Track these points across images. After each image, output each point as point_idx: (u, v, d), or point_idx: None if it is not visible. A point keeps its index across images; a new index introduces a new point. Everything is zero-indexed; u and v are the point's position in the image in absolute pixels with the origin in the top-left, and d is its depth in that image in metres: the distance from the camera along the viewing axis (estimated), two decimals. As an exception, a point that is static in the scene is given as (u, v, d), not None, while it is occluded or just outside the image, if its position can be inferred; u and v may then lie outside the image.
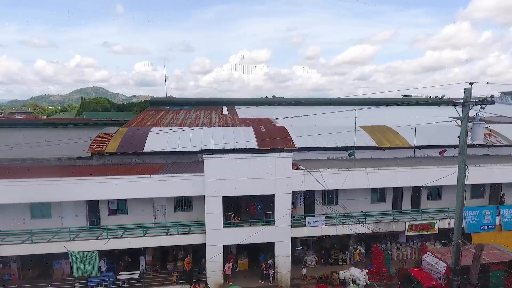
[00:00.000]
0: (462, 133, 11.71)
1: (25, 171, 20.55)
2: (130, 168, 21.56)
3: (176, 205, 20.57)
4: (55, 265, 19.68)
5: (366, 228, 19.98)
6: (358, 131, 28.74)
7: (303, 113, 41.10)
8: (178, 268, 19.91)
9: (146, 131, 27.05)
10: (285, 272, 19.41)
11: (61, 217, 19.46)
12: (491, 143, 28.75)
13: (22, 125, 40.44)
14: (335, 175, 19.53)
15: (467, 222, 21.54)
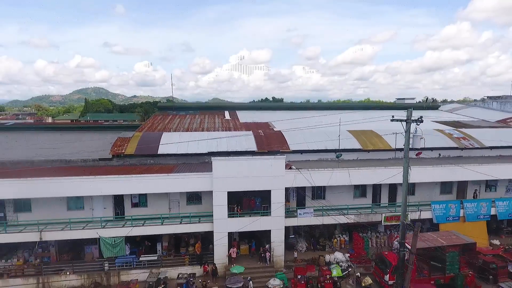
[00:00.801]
0: (406, 143, 15.57)
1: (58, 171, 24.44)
2: (148, 168, 25.45)
3: (188, 199, 24.49)
4: (86, 249, 23.58)
5: (348, 219, 23.92)
6: (346, 134, 32.74)
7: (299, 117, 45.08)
8: (189, 252, 23.82)
9: (158, 135, 30.98)
10: (279, 255, 23.32)
11: (92, 209, 23.37)
12: (464, 146, 32.75)
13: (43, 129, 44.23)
14: (322, 174, 23.44)
15: (435, 214, 25.48)
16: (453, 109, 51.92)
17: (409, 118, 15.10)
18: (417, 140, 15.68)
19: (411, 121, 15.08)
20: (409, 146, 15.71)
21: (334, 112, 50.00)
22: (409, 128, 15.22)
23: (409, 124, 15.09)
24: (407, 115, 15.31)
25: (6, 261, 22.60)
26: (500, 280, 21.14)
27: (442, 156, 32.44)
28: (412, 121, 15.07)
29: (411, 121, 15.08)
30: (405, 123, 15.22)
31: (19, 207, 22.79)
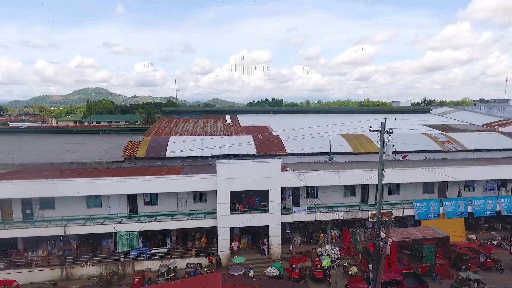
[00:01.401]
0: (380, 150, 18.42)
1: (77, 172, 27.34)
2: (158, 170, 28.35)
3: (194, 197, 27.40)
4: (103, 243, 26.49)
5: (337, 216, 26.83)
6: (339, 138, 35.62)
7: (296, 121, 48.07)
8: (196, 245, 26.72)
9: (166, 139, 33.90)
10: (276, 248, 26.22)
11: (109, 207, 26.27)
12: (448, 149, 35.63)
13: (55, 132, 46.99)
14: (314, 175, 26.35)
15: (417, 211, 28.38)
16: (443, 112, 54.80)
17: (383, 129, 17.98)
18: (389, 147, 18.54)
19: (384, 131, 17.96)
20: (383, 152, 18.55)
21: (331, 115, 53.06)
22: (383, 138, 18.09)
23: (382, 134, 17.97)
24: (381, 127, 18.19)
25: (32, 253, 25.49)
26: (471, 269, 24.07)
27: (427, 159, 35.36)
28: (385, 132, 17.95)
29: (384, 132, 17.95)
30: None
31: (44, 205, 25.69)
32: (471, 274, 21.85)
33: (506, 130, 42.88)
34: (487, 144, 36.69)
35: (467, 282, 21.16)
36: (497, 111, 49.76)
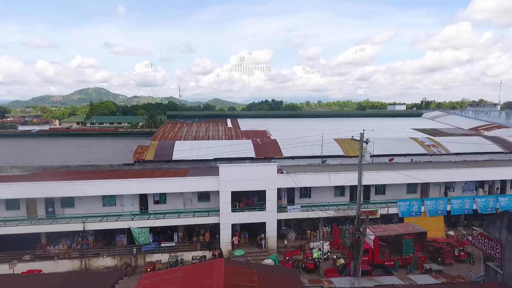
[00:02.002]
0: (360, 157, 21.53)
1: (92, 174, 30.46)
2: (165, 172, 31.50)
3: (199, 197, 30.52)
4: (117, 238, 29.61)
5: (328, 213, 29.95)
6: (332, 142, 38.72)
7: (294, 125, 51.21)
8: (200, 240, 29.85)
9: (172, 143, 37.05)
10: (272, 242, 29.34)
11: (122, 205, 29.42)
12: (432, 152, 38.75)
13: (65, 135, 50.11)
14: (307, 177, 29.47)
15: (400, 210, 31.48)
16: (434, 116, 57.91)
17: (361, 139, 21.10)
18: (367, 154, 21.64)
19: (363, 141, 21.08)
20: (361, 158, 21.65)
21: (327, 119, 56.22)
22: (361, 147, 21.19)
23: (361, 143, 21.09)
24: (360, 137, 21.31)
25: (54, 247, 28.62)
26: (446, 261, 27.22)
27: (414, 161, 38.50)
28: (363, 141, 21.07)
29: (362, 141, 21.07)
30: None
31: (64, 203, 28.84)
32: (435, 265, 25.22)
33: (490, 134, 46.03)
34: (470, 148, 39.79)
35: (430, 272, 24.37)
36: (484, 116, 52.87)
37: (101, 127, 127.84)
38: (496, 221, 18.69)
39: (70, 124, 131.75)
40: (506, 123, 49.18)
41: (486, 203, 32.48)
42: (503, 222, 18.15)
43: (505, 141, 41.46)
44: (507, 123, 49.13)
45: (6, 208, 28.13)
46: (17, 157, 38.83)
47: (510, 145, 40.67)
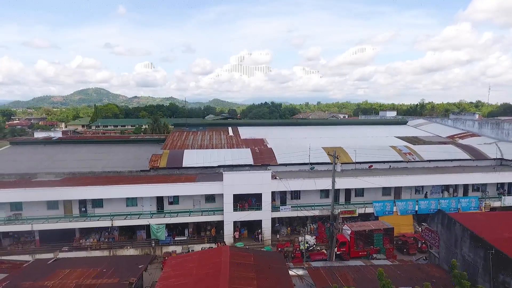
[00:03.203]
0: (333, 171, 27.82)
1: (116, 179, 36.78)
2: (177, 178, 37.82)
3: (206, 199, 36.82)
4: (137, 233, 35.95)
5: (314, 213, 36.28)
6: (320, 150, 44.96)
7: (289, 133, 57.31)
8: (207, 235, 36.18)
9: (181, 152, 43.36)
10: (267, 236, 35.67)
11: (142, 206, 35.74)
12: (408, 159, 45.03)
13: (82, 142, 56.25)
14: (296, 182, 35.79)
15: (375, 209, 37.77)
16: (417, 124, 64.23)
17: (334, 156, 27.42)
18: (338, 166, 27.95)
19: (335, 156, 27.40)
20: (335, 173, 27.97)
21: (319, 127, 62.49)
22: (334, 161, 27.50)
23: (334, 158, 27.41)
24: (333, 154, 27.62)
25: (86, 240, 34.95)
26: (410, 252, 33.57)
27: (392, 167, 44.81)
28: (335, 157, 27.38)
29: (335, 157, 27.40)
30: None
31: (95, 204, 35.15)
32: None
33: (464, 142, 52.31)
34: (441, 155, 46.09)
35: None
36: (460, 125, 59.16)
37: (105, 130, 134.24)
38: (434, 218, 25.10)
39: (75, 127, 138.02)
40: (479, 132, 55.44)
41: (449, 204, 38.80)
42: (438, 219, 24.54)
43: (474, 149, 47.73)
44: (480, 132, 55.39)
45: (47, 208, 34.44)
46: (45, 162, 45.21)
47: (478, 153, 46.98)
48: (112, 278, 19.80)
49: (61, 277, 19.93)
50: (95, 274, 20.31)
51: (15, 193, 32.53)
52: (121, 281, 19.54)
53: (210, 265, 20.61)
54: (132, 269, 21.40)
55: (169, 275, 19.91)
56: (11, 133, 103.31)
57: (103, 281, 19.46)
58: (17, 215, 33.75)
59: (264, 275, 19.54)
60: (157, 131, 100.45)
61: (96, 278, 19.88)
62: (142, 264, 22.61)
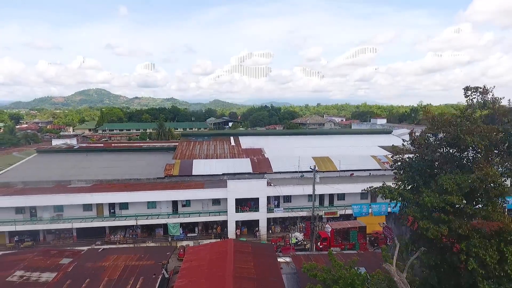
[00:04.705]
0: (313, 183, 36.02)
1: (137, 185, 45.04)
2: (188, 184, 46.08)
3: (213, 202, 45.07)
4: (156, 230, 44.23)
5: (302, 214, 44.52)
6: (310, 160, 53.12)
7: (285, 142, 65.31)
8: (213, 232, 44.47)
9: (191, 162, 51.63)
10: (263, 233, 43.94)
11: (160, 208, 44.00)
12: (385, 168, 53.17)
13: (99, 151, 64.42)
14: (287, 188, 44.05)
15: (354, 211, 45.81)
16: (401, 134, 72.32)
17: (314, 170, 35.62)
18: (317, 177, 36.13)
19: (314, 170, 35.61)
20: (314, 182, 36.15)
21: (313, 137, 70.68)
22: (314, 175, 35.68)
23: (314, 172, 35.60)
24: (313, 168, 35.81)
25: (114, 236, 43.21)
26: (380, 246, 41.76)
27: (371, 175, 53.00)
28: (315, 171, 35.57)
29: (314, 171, 35.61)
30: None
31: (122, 206, 43.45)
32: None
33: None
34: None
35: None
36: (438, 135, 67.19)
37: (111, 134, 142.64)
38: (390, 217, 33.40)
39: (82, 131, 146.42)
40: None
41: (416, 206, 46.98)
42: (392, 218, 32.85)
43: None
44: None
45: (83, 210, 42.73)
46: (72, 170, 53.47)
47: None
48: (149, 261, 27.99)
49: (112, 260, 28.15)
50: (136, 258, 28.52)
51: (59, 198, 40.84)
52: (156, 263, 27.77)
53: (219, 252, 28.87)
54: (162, 255, 29.60)
55: (190, 259, 28.17)
56: (24, 138, 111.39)
57: (143, 263, 27.68)
58: (59, 216, 42.01)
59: (258, 259, 27.79)
60: (162, 136, 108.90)
61: (137, 260, 28.10)
62: (168, 252, 30.86)
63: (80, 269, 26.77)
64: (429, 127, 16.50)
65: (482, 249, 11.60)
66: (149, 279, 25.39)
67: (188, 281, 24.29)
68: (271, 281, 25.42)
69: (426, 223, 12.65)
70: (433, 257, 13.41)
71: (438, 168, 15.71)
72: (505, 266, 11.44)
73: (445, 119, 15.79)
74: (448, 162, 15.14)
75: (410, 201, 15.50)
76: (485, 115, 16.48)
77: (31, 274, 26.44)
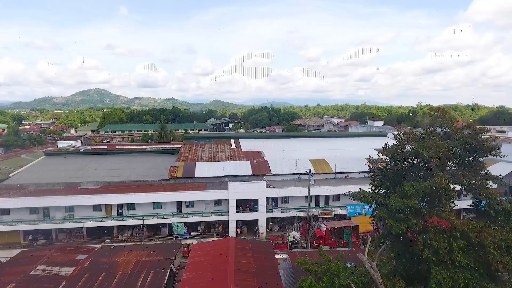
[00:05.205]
0: (309, 185, 38.98)
1: (143, 187, 48.02)
2: (192, 186, 49.05)
3: (215, 203, 48.04)
4: (161, 229, 47.20)
5: (299, 214, 47.49)
6: (307, 162, 56.08)
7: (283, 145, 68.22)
8: (215, 231, 47.44)
9: (194, 165, 54.60)
10: (262, 232, 46.91)
11: (165, 208, 46.96)
12: (378, 170, 56.13)
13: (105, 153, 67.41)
14: (285, 189, 47.00)
15: (348, 211, 48.90)
16: (396, 136, 75.19)
17: (309, 173, 38.57)
18: (312, 179, 39.08)
19: (309, 174, 38.57)
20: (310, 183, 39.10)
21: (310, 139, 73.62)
22: (309, 177, 38.62)
23: (309, 175, 38.55)
24: (308, 171, 38.74)
25: (122, 235, 46.19)
26: (372, 244, 44.70)
27: (365, 177, 55.83)
28: (311, 174, 38.52)
29: (309, 174, 38.56)
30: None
31: (129, 207, 46.44)
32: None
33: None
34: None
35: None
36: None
37: (113, 135, 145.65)
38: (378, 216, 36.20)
39: (85, 132, 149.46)
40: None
41: (407, 207, 49.95)
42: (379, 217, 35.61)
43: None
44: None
45: (93, 210, 45.72)
46: (80, 172, 56.46)
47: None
48: (158, 257, 30.97)
49: (124, 256, 31.12)
50: (146, 254, 31.49)
51: (71, 199, 43.83)
52: (165, 258, 30.75)
53: (221, 249, 31.84)
54: (169, 252, 32.57)
55: (195, 255, 31.13)
56: (28, 139, 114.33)
57: (153, 258, 30.65)
58: (71, 215, 44.98)
59: (257, 255, 30.75)
60: (164, 138, 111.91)
61: (147, 256, 31.07)
62: (175, 249, 33.84)
63: (95, 264, 29.75)
64: (398, 141, 19.42)
65: (435, 241, 14.51)
66: (159, 273, 28.37)
67: (194, 274, 27.28)
68: (268, 274, 28.37)
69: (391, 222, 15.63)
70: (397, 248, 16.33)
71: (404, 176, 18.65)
72: (452, 255, 14.34)
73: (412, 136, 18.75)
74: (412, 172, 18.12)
75: (381, 203, 18.43)
76: (444, 132, 19.40)
77: (52, 268, 29.46)
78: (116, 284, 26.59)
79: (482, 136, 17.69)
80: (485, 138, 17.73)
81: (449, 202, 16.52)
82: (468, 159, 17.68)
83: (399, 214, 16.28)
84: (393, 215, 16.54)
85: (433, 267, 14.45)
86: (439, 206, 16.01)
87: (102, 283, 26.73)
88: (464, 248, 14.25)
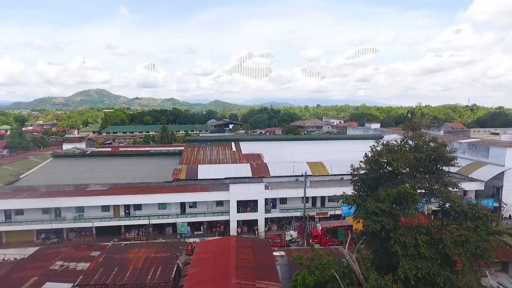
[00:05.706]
0: (305, 188, 42.08)
1: (148, 189, 51.11)
2: (195, 188, 52.15)
3: (216, 204, 51.10)
4: (166, 229, 50.29)
5: (296, 214, 50.58)
6: (304, 165, 59.15)
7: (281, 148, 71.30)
8: (217, 230, 50.54)
9: (196, 167, 57.69)
10: (262, 231, 50.00)
11: (170, 209, 50.07)
12: (373, 172, 59.24)
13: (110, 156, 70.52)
14: (283, 191, 50.10)
15: (343, 212, 51.97)
16: (391, 139, 78.20)
17: (305, 176, 41.65)
18: (307, 182, 42.15)
19: (305, 176, 41.64)
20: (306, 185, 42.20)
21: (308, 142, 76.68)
22: (305, 180, 41.70)
23: (305, 178, 41.62)
24: (305, 174, 41.84)
25: (129, 234, 49.29)
26: (365, 242, 47.82)
27: (360, 178, 58.97)
28: (307, 176, 41.59)
29: (305, 176, 41.63)
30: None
31: (136, 207, 49.54)
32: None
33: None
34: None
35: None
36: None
37: (115, 136, 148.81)
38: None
39: (87, 133, 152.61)
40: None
41: (399, 207, 53.07)
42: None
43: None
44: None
45: (101, 210, 48.83)
46: (86, 174, 59.58)
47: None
48: (166, 254, 34.09)
49: (134, 253, 34.25)
50: (154, 251, 34.61)
51: (81, 200, 46.94)
52: (172, 255, 33.88)
53: (223, 246, 34.97)
54: (176, 249, 35.69)
55: (199, 252, 34.27)
56: (32, 141, 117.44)
57: (161, 255, 33.77)
58: (81, 216, 48.10)
59: (257, 252, 33.85)
60: (165, 140, 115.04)
61: (156, 253, 34.19)
62: (181, 247, 36.98)
63: (109, 260, 32.87)
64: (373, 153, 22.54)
65: (404, 236, 17.55)
66: (167, 267, 31.48)
67: (199, 269, 30.41)
68: (267, 269, 31.49)
69: (368, 222, 18.68)
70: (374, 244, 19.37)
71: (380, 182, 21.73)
72: (418, 248, 17.39)
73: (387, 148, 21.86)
74: (386, 179, 21.17)
75: (361, 206, 21.54)
76: (414, 144, 22.49)
77: (69, 264, 32.60)
78: (129, 278, 29.72)
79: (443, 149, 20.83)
80: (445, 150, 20.88)
81: (414, 205, 19.58)
82: (432, 168, 20.81)
83: (374, 216, 19.34)
84: (369, 216, 19.60)
85: (401, 259, 17.49)
86: (406, 208, 19.07)
87: (115, 276, 29.88)
88: (427, 242, 17.30)
